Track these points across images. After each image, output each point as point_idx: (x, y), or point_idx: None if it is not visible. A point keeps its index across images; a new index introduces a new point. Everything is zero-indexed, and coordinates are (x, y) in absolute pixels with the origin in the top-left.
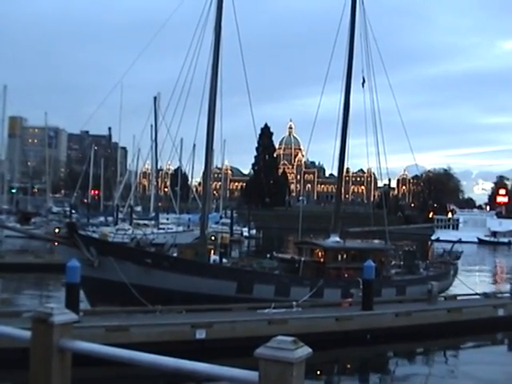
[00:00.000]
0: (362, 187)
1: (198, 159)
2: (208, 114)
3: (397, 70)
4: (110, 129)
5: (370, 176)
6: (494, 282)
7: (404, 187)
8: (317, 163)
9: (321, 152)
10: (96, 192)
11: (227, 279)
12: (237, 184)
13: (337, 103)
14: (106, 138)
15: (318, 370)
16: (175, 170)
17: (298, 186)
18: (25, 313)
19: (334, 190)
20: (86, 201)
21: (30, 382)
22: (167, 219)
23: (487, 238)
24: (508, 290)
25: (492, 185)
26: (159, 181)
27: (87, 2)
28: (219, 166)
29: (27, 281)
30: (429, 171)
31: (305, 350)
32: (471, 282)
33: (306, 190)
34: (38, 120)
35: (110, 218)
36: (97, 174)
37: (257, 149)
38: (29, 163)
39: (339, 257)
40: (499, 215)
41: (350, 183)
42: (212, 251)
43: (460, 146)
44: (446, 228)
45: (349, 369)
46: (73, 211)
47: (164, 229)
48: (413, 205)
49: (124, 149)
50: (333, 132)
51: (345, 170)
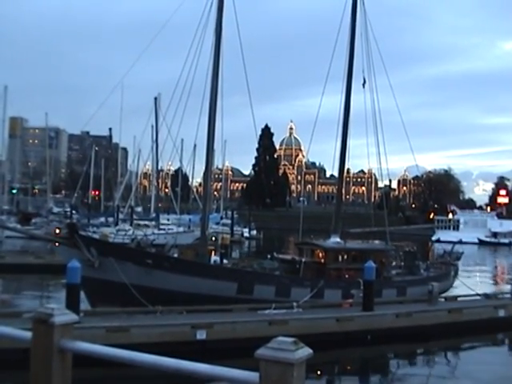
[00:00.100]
0: (363, 188)
1: (198, 160)
2: (209, 115)
3: (397, 71)
4: (110, 129)
5: (371, 177)
6: (494, 283)
7: (405, 188)
8: (317, 164)
9: (321, 153)
10: (96, 193)
11: (228, 280)
12: (237, 185)
13: (337, 104)
14: (106, 139)
15: (319, 370)
16: (176, 171)
17: (298, 186)
18: (25, 313)
19: (335, 191)
20: (86, 201)
21: (31, 382)
22: (168, 220)
23: (488, 239)
24: (508, 290)
25: (492, 185)
26: (160, 181)
27: (87, 3)
28: (220, 167)
29: (28, 281)
30: (429, 172)
31: (305, 351)
32: (472, 282)
33: (307, 190)
34: (38, 120)
35: (110, 219)
36: (97, 175)
37: (257, 149)
38: (29, 164)
39: (340, 257)
40: (500, 216)
41: (351, 184)
42: (212, 252)
43: (460, 146)
44: (447, 229)
45: (349, 369)
46: (73, 212)
47: (164, 229)
48: (413, 205)
49: (125, 149)
50: (333, 132)
51: (345, 171)
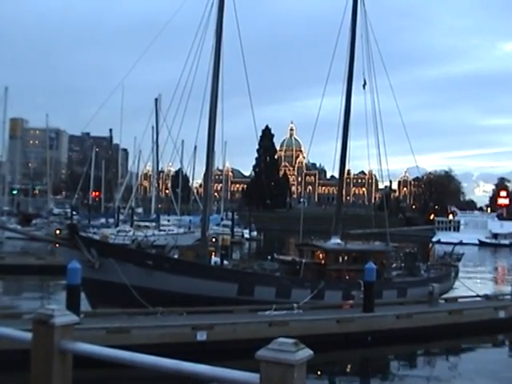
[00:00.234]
0: (363, 189)
1: (198, 161)
2: (209, 116)
3: (397, 72)
4: (111, 130)
5: (371, 178)
6: (494, 284)
7: (405, 189)
8: (318, 165)
9: (322, 154)
10: (97, 194)
11: (228, 281)
12: (238, 186)
13: (338, 105)
14: (107, 140)
15: (319, 371)
16: (176, 172)
17: (298, 187)
18: (25, 314)
19: (335, 192)
20: (86, 202)
21: (31, 383)
22: (168, 221)
23: (488, 240)
24: (509, 291)
25: (493, 187)
26: (160, 182)
27: (87, 4)
28: (220, 168)
29: (28, 282)
30: (430, 173)
31: (306, 352)
32: (472, 283)
33: (307, 191)
34: (38, 122)
35: (110, 220)
36: (98, 176)
37: (258, 150)
38: (30, 165)
39: (340, 259)
40: (500, 217)
41: (351, 185)
42: (213, 253)
43: (461, 147)
44: (447, 230)
45: (350, 371)
46: (74, 213)
47: (165, 230)
48: (414, 207)
49: (125, 150)
50: (334, 134)
51: (346, 172)
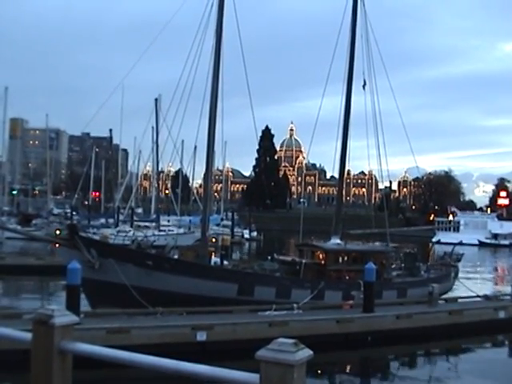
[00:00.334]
0: (363, 189)
1: (198, 161)
2: (209, 116)
3: (397, 72)
4: (110, 130)
5: (371, 178)
6: (494, 284)
7: (405, 189)
8: (318, 165)
9: (322, 154)
10: (97, 194)
11: (228, 281)
12: (238, 186)
13: (338, 105)
14: (106, 140)
15: (319, 372)
16: (176, 172)
17: (298, 188)
18: (25, 314)
19: (335, 192)
20: (86, 203)
21: (31, 383)
22: (168, 221)
23: (488, 241)
24: (509, 292)
25: (493, 187)
26: (160, 183)
27: (87, 4)
28: (220, 168)
29: (28, 282)
30: (430, 173)
31: (306, 353)
32: (472, 284)
33: (307, 192)
34: (38, 122)
35: (110, 220)
36: (98, 176)
37: (258, 151)
38: (30, 165)
39: (340, 259)
40: (500, 217)
41: (351, 185)
42: (213, 253)
43: (461, 148)
44: (447, 230)
45: (350, 371)
46: (74, 213)
47: (165, 231)
48: (414, 207)
49: (125, 151)
50: (334, 134)
51: (346, 172)
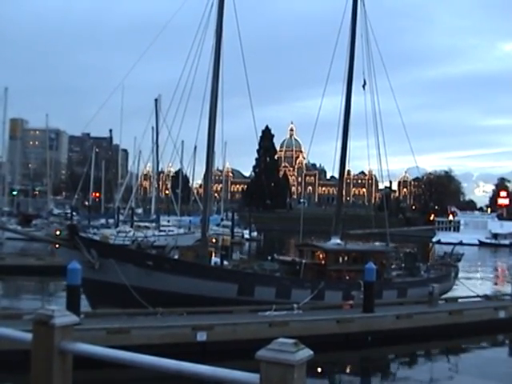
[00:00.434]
0: (363, 189)
1: (198, 161)
2: (209, 116)
3: (397, 72)
4: (111, 131)
5: (371, 178)
6: (494, 284)
7: (405, 189)
8: (318, 165)
9: (322, 154)
10: (97, 194)
11: (228, 281)
12: (238, 186)
13: (338, 105)
14: (107, 140)
15: (319, 372)
16: (176, 172)
17: (299, 188)
18: (26, 315)
19: (335, 192)
20: (86, 203)
21: None
22: (168, 221)
23: (488, 240)
24: (509, 291)
25: (493, 187)
26: (160, 183)
27: (87, 4)
28: (220, 168)
29: (28, 283)
30: (430, 173)
31: (306, 353)
32: (472, 284)
33: (307, 192)
34: (38, 122)
35: (110, 220)
36: (98, 176)
37: (258, 151)
38: (30, 165)
39: (340, 259)
40: (500, 217)
41: (351, 185)
42: (213, 253)
43: (461, 148)
44: (447, 230)
45: (350, 371)
46: (74, 213)
47: (165, 231)
48: (414, 207)
49: (125, 151)
50: (334, 134)
51: (346, 173)
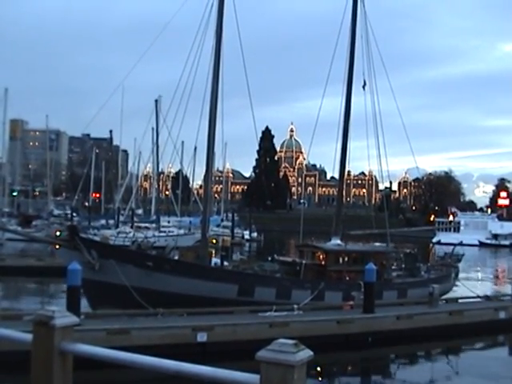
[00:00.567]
0: (364, 190)
1: (199, 162)
2: (209, 117)
3: (398, 73)
4: (111, 132)
5: (371, 179)
6: (495, 285)
7: (405, 190)
8: (318, 166)
9: (322, 155)
10: (97, 195)
11: (228, 282)
12: (238, 187)
13: (338, 106)
14: (107, 141)
15: (320, 372)
16: (176, 173)
17: (299, 188)
18: (26, 316)
19: (336, 193)
20: (87, 204)
21: None
22: (168, 222)
23: (488, 241)
24: (509, 292)
25: (493, 187)
26: (160, 184)
27: (87, 5)
28: (220, 169)
29: (28, 284)
30: (430, 174)
31: (306, 353)
32: (472, 284)
33: (307, 192)
34: (38, 123)
35: (111, 221)
36: (98, 177)
37: (258, 152)
38: (30, 166)
39: (340, 260)
40: (500, 218)
41: (351, 186)
42: (213, 254)
43: (461, 148)
44: (448, 231)
45: (350, 372)
46: (74, 214)
47: (165, 232)
48: (414, 207)
49: (125, 152)
50: (334, 135)
51: (346, 173)
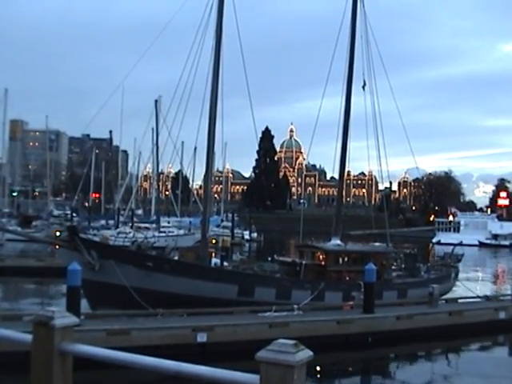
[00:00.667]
0: (363, 190)
1: (199, 162)
2: (209, 117)
3: (397, 73)
4: (111, 132)
5: (371, 179)
6: (495, 285)
7: (405, 190)
8: (318, 166)
9: (322, 155)
10: (97, 195)
11: (228, 282)
12: (238, 187)
13: (338, 106)
14: (107, 141)
15: (319, 373)
16: (176, 173)
17: (299, 189)
18: (26, 316)
19: (335, 193)
20: (87, 204)
21: None
22: (168, 222)
23: (488, 241)
24: (509, 292)
25: (493, 187)
26: (160, 184)
27: (87, 5)
28: (220, 169)
29: (28, 284)
30: (430, 174)
31: (306, 353)
32: (472, 284)
33: (307, 193)
34: (38, 123)
35: (111, 222)
36: (98, 178)
37: (258, 152)
38: (30, 166)
39: (340, 260)
40: (500, 218)
41: (351, 186)
42: (213, 254)
43: (461, 148)
44: (447, 231)
45: (350, 372)
46: (74, 214)
47: (165, 232)
48: (414, 208)
49: (125, 152)
50: (334, 135)
51: (346, 173)
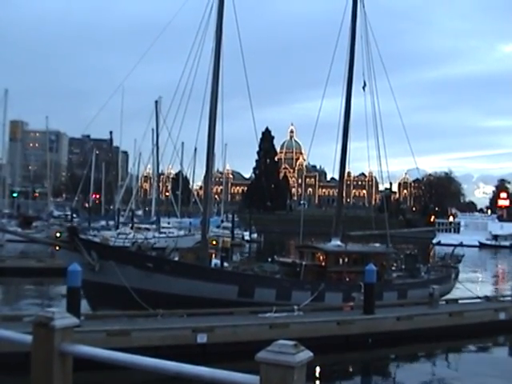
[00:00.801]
0: (364, 191)
1: (199, 163)
2: (209, 118)
3: (397, 74)
4: (111, 133)
5: (371, 180)
6: (495, 286)
7: (405, 191)
8: (318, 167)
9: (322, 156)
10: (97, 196)
11: (228, 283)
12: (238, 188)
13: (338, 107)
14: (107, 142)
15: (320, 374)
16: (176, 174)
17: (299, 189)
18: (26, 317)
19: (336, 194)
20: (87, 205)
21: None
22: (168, 223)
23: (488, 242)
24: (509, 293)
25: (493, 188)
26: (160, 185)
27: (87, 6)
28: (220, 170)
29: (28, 285)
30: (430, 175)
31: (306, 354)
32: (472, 285)
33: (308, 193)
34: (38, 124)
35: (111, 222)
36: (98, 178)
37: (258, 153)
38: (30, 167)
39: (340, 260)
40: (500, 219)
41: (352, 187)
42: (213, 255)
43: (461, 149)
44: (448, 231)
45: (350, 373)
46: (74, 215)
47: (165, 233)
48: (414, 208)
49: (125, 153)
50: (334, 136)
51: (346, 174)
